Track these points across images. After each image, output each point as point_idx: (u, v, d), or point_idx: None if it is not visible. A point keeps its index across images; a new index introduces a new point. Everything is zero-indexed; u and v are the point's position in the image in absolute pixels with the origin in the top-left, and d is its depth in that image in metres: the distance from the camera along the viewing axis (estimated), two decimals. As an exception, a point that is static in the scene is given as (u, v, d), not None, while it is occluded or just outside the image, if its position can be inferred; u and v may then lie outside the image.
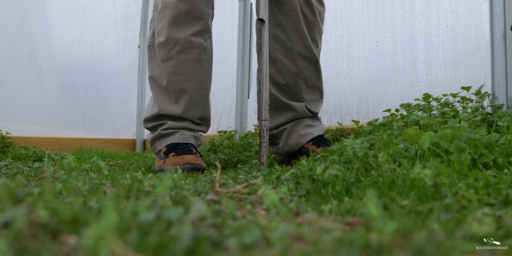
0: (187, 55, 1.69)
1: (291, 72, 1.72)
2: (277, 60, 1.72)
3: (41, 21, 3.36)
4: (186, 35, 1.67)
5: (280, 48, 1.71)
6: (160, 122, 1.74)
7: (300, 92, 1.73)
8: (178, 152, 1.61)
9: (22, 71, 3.20)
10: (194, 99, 1.72)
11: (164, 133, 1.71)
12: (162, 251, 0.39)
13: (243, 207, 0.73)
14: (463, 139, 0.91)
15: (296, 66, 1.71)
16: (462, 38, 1.87)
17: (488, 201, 0.69)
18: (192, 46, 1.69)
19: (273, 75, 1.74)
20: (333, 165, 0.91)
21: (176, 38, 1.67)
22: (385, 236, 0.46)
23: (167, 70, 1.70)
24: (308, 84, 1.75)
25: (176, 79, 1.69)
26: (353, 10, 2.32)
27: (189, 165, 1.53)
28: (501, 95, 1.38)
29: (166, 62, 1.70)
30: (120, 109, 3.67)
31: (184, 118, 1.72)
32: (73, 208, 0.48)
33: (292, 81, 1.72)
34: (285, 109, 1.75)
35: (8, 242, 0.39)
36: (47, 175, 1.03)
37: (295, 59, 1.70)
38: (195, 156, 1.61)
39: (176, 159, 1.58)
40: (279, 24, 1.70)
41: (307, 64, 1.72)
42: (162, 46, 1.70)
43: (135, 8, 3.74)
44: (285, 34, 1.70)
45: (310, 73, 1.74)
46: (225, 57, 3.12)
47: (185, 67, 1.69)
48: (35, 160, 2.29)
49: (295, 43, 1.70)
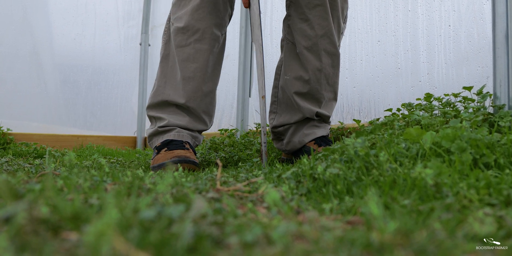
0: (204, 46, 1.69)
1: (315, 68, 1.71)
2: (302, 55, 1.71)
3: (43, 18, 3.36)
4: (207, 25, 1.68)
5: (306, 43, 1.70)
6: (158, 115, 1.74)
7: (320, 88, 1.73)
8: (170, 147, 1.62)
9: (23, 67, 3.20)
10: (201, 90, 1.71)
11: (161, 130, 1.72)
12: (163, 248, 0.39)
13: (244, 205, 0.73)
14: (465, 139, 0.90)
15: (320, 62, 1.71)
16: (464, 38, 1.86)
17: (489, 201, 0.69)
18: (211, 38, 1.70)
19: (296, 70, 1.73)
20: (334, 164, 0.91)
21: (197, 26, 1.68)
22: (386, 235, 0.46)
23: (181, 56, 1.70)
24: (329, 80, 1.75)
25: (188, 66, 1.69)
26: (356, 9, 2.32)
27: (176, 158, 1.53)
28: (503, 95, 1.38)
29: (182, 48, 1.70)
30: (121, 106, 3.67)
31: (187, 108, 1.71)
32: (74, 204, 0.48)
33: (315, 77, 1.72)
34: (296, 111, 1.75)
35: (9, 238, 0.39)
36: (48, 172, 1.03)
37: (320, 55, 1.70)
38: (187, 151, 1.61)
39: (166, 154, 1.58)
40: (306, 19, 1.70)
41: (330, 60, 1.72)
42: (181, 32, 1.70)
43: (136, 6, 3.74)
44: (311, 29, 1.69)
45: (332, 69, 1.74)
46: (226, 55, 3.11)
47: (199, 56, 1.69)
48: (36, 157, 2.29)
49: (321, 38, 1.69)
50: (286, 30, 1.77)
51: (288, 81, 1.75)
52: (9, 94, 3.15)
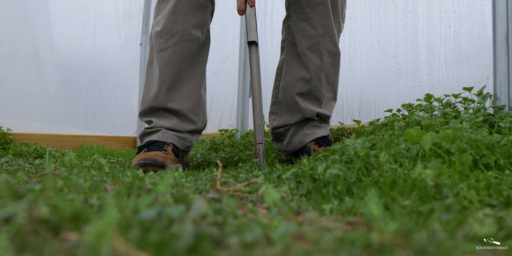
0: (183, 48, 1.68)
1: (316, 67, 1.72)
2: (304, 54, 1.72)
3: (43, 18, 3.36)
4: (185, 26, 1.67)
5: (307, 42, 1.71)
6: (149, 119, 1.75)
7: (321, 87, 1.74)
8: (150, 149, 1.63)
9: (23, 67, 3.20)
10: (184, 91, 1.71)
11: (147, 131, 1.73)
12: (164, 249, 0.39)
13: (244, 205, 0.73)
14: (465, 140, 0.90)
15: (321, 61, 1.71)
16: (464, 39, 1.86)
17: (489, 202, 0.69)
18: (190, 39, 1.69)
19: (297, 70, 1.74)
20: (334, 164, 0.91)
21: (174, 29, 1.67)
22: (386, 235, 0.46)
23: (161, 60, 1.70)
24: (329, 79, 1.75)
25: (168, 70, 1.69)
26: (356, 10, 2.32)
27: (142, 161, 1.52)
28: (503, 96, 1.38)
29: (161, 52, 1.70)
30: (121, 106, 3.67)
31: (174, 111, 1.72)
32: (74, 205, 0.48)
33: (316, 76, 1.72)
34: (297, 112, 1.75)
35: (9, 238, 0.39)
36: (48, 172, 1.03)
37: (321, 54, 1.71)
38: (163, 153, 1.60)
39: (141, 155, 1.59)
40: (307, 18, 1.71)
41: (331, 59, 1.73)
42: (159, 36, 1.70)
43: (137, 6, 3.74)
44: (312, 28, 1.70)
45: (332, 68, 1.75)
46: (227, 55, 3.11)
47: (178, 59, 1.68)
48: (36, 157, 2.29)
49: (322, 37, 1.70)
50: (287, 31, 1.77)
51: (289, 82, 1.76)
52: (9, 94, 3.15)
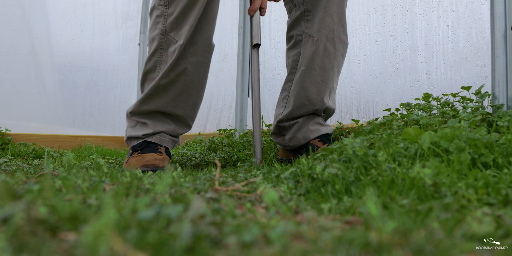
0: (199, 58, 1.71)
1: (330, 55, 1.73)
2: (320, 42, 1.73)
3: (41, 18, 3.36)
4: (204, 37, 1.70)
5: (324, 30, 1.73)
6: (144, 121, 1.75)
7: (333, 76, 1.75)
8: (144, 150, 1.65)
9: (21, 67, 3.20)
10: (192, 100, 1.76)
11: (147, 134, 1.73)
12: (162, 248, 0.39)
13: (242, 205, 0.73)
14: (463, 139, 0.91)
15: (334, 49, 1.73)
16: (462, 38, 1.87)
17: (487, 201, 0.69)
18: (207, 51, 1.73)
19: (311, 57, 1.74)
20: (333, 164, 0.91)
21: (194, 39, 1.69)
22: (384, 235, 0.46)
23: (175, 71, 1.70)
24: (339, 69, 1.78)
25: (182, 79, 1.71)
26: (354, 9, 2.32)
27: (144, 168, 1.56)
28: (501, 95, 1.38)
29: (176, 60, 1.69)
30: (120, 106, 3.66)
31: (173, 115, 1.74)
32: (72, 205, 0.48)
33: (329, 64, 1.74)
34: (307, 102, 1.75)
35: (7, 238, 0.39)
36: (46, 172, 1.03)
37: (335, 42, 1.73)
38: (158, 154, 1.63)
39: (138, 158, 1.62)
40: (325, 6, 1.72)
41: (342, 49, 1.76)
42: (178, 46, 1.68)
43: (135, 6, 3.74)
44: (329, 16, 1.72)
45: (341, 59, 1.77)
46: (225, 55, 3.11)
47: (194, 69, 1.71)
48: (35, 157, 2.29)
49: (337, 25, 1.72)
50: (304, 25, 1.77)
51: (305, 72, 1.75)
52: (8, 94, 3.15)
